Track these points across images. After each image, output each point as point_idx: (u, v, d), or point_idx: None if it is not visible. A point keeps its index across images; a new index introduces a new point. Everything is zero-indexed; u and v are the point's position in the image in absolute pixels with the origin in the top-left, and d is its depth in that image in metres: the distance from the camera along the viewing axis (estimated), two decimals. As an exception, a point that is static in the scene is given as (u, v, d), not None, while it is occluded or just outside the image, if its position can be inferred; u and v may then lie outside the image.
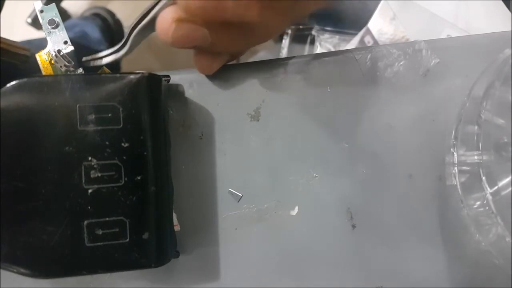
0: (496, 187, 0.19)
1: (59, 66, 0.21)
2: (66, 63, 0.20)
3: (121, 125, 0.18)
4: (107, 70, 0.22)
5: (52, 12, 0.21)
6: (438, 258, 0.22)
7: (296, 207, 0.22)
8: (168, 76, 0.21)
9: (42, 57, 0.21)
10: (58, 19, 0.21)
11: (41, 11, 0.21)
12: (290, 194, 0.22)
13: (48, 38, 0.21)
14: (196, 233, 0.22)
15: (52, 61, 0.21)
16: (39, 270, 0.18)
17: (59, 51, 0.21)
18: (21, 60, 0.20)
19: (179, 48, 0.18)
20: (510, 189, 0.19)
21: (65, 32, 0.21)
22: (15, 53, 0.20)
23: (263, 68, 0.22)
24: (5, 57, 0.19)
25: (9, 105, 0.17)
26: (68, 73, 0.21)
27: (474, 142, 0.20)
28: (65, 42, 0.21)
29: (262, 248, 0.22)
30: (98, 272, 0.18)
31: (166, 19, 0.17)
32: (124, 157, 0.18)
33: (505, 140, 0.19)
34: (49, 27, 0.21)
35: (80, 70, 0.21)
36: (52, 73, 0.21)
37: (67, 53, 0.21)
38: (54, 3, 0.21)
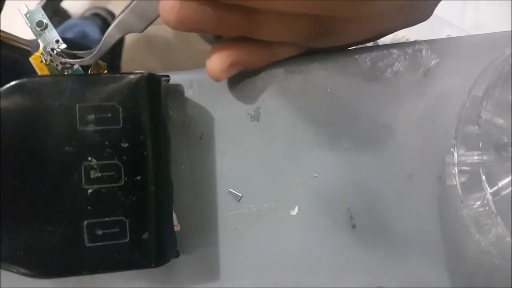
0: (496, 187, 0.19)
1: (55, 65, 0.21)
2: (62, 61, 0.20)
3: (121, 125, 0.18)
4: (103, 65, 0.22)
5: (38, 14, 0.21)
6: (438, 258, 0.22)
7: (296, 207, 0.22)
8: (168, 76, 0.21)
9: (36, 60, 0.21)
10: (46, 20, 0.21)
11: (27, 15, 0.21)
12: (290, 194, 0.22)
13: (39, 40, 0.21)
14: (196, 233, 0.22)
15: (47, 61, 0.21)
16: (39, 270, 0.18)
17: (53, 49, 0.21)
18: (22, 54, 0.20)
19: (183, 31, 0.17)
20: (510, 189, 0.19)
21: (55, 31, 0.21)
22: (17, 47, 0.20)
23: (263, 68, 0.22)
24: (6, 50, 0.19)
25: (9, 105, 0.17)
26: (65, 71, 0.21)
27: (474, 142, 0.20)
28: (57, 41, 0.21)
29: (262, 248, 0.22)
30: (98, 272, 0.18)
31: None
32: (124, 157, 0.18)
33: (505, 140, 0.19)
34: (38, 29, 0.21)
35: (77, 66, 0.21)
36: (48, 74, 0.21)
37: (61, 51, 0.21)
38: (40, 6, 0.21)
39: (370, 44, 0.23)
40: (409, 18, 0.21)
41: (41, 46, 0.21)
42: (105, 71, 0.22)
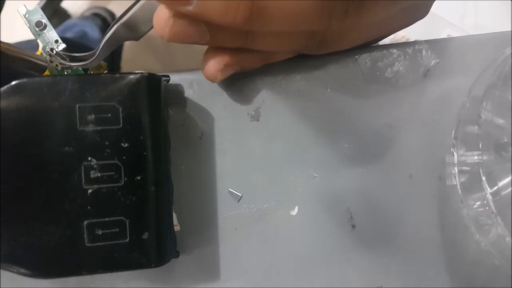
0: (496, 187, 0.19)
1: (54, 65, 0.21)
2: (62, 60, 0.20)
3: (121, 125, 0.18)
4: (104, 65, 0.22)
5: (37, 14, 0.21)
6: (438, 258, 0.22)
7: (296, 207, 0.22)
8: (168, 76, 0.21)
9: None
10: (44, 20, 0.21)
11: (26, 15, 0.21)
12: (290, 194, 0.22)
13: (38, 40, 0.21)
14: (196, 233, 0.22)
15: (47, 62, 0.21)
16: (39, 270, 0.18)
17: (52, 49, 0.21)
18: (38, 70, 0.20)
19: (177, 43, 0.17)
20: (510, 189, 0.19)
21: (54, 31, 0.21)
22: (34, 62, 0.20)
23: (263, 68, 0.22)
24: (22, 66, 0.19)
25: (9, 105, 0.17)
26: (65, 70, 0.21)
27: (474, 142, 0.20)
28: (56, 41, 0.21)
29: (262, 248, 0.22)
30: (98, 272, 0.18)
31: (164, 13, 0.16)
32: (124, 157, 0.18)
33: (505, 140, 0.19)
34: (37, 29, 0.21)
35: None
36: (48, 74, 0.21)
37: (60, 51, 0.21)
38: (38, 7, 0.21)
39: (370, 44, 0.23)
40: (408, 19, 0.21)
41: (41, 46, 0.21)
42: (106, 71, 0.22)
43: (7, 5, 0.46)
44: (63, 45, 0.21)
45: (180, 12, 0.16)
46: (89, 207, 0.18)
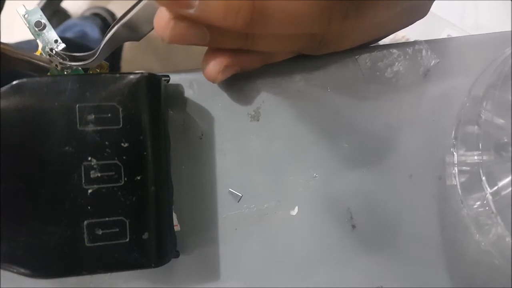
0: (496, 187, 0.19)
1: (54, 65, 0.21)
2: (61, 60, 0.20)
3: (121, 125, 0.18)
4: (105, 64, 0.22)
5: (36, 14, 0.21)
6: (438, 258, 0.22)
7: (296, 207, 0.22)
8: (168, 76, 0.21)
9: None
10: (44, 20, 0.21)
11: (25, 15, 0.21)
12: (290, 194, 0.22)
13: (38, 40, 0.21)
14: (196, 233, 0.22)
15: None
16: (39, 270, 0.18)
17: (51, 49, 0.21)
18: (39, 71, 0.20)
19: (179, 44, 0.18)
20: (510, 189, 0.19)
21: (53, 31, 0.21)
22: (35, 64, 0.20)
23: (263, 68, 0.22)
24: (23, 68, 0.20)
25: (9, 105, 0.17)
26: (65, 70, 0.21)
27: (474, 142, 0.20)
28: (56, 41, 0.21)
29: (262, 248, 0.22)
30: (98, 272, 0.18)
31: (164, 15, 0.16)
32: (124, 157, 0.18)
33: (505, 140, 0.19)
34: (37, 29, 0.21)
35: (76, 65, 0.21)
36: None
37: (60, 51, 0.21)
38: (37, 7, 0.21)
39: (370, 44, 0.23)
40: (408, 20, 0.21)
41: (40, 46, 0.21)
42: (107, 71, 0.22)
43: (7, 5, 0.46)
44: (62, 45, 0.21)
45: (180, 14, 0.16)
46: (89, 207, 0.18)
